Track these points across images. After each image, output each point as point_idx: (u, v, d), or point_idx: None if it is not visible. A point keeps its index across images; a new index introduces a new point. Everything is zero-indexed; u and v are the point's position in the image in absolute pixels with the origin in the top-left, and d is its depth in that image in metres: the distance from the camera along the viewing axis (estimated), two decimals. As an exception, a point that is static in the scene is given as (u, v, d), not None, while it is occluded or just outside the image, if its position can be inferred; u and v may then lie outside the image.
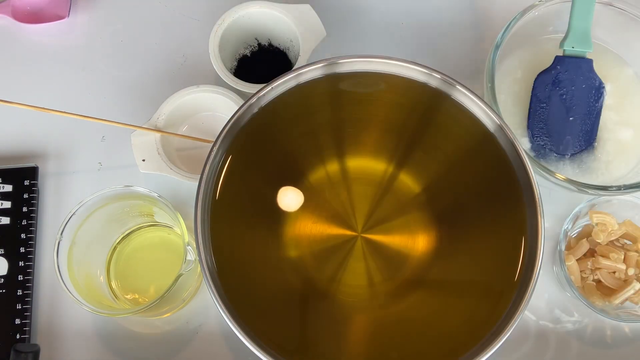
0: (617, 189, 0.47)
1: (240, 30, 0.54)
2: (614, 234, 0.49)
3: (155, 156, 0.50)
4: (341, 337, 0.41)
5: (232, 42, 0.55)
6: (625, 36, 0.54)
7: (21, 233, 0.51)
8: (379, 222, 0.43)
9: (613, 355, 0.50)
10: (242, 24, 0.54)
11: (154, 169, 0.50)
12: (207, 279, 0.39)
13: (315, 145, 0.44)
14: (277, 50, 0.57)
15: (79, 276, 0.45)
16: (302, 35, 0.52)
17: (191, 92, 0.52)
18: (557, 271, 0.50)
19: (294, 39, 0.54)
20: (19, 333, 0.48)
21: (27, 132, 0.56)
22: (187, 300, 0.50)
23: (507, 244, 0.42)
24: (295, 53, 0.54)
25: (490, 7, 0.61)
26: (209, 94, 0.52)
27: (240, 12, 0.53)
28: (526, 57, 0.54)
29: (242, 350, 0.38)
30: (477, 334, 0.39)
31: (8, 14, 0.58)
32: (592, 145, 0.52)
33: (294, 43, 0.54)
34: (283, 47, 0.56)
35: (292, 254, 0.42)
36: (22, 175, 0.52)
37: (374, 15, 0.60)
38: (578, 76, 0.51)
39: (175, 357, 0.49)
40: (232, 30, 0.53)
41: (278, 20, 0.53)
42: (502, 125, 0.42)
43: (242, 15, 0.53)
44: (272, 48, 0.57)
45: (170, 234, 0.51)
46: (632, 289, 0.48)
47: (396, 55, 0.44)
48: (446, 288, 0.42)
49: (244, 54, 0.57)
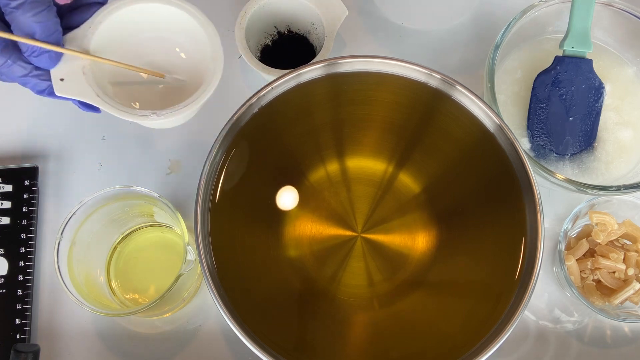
0: (616, 189, 0.47)
1: (261, 20, 0.54)
2: (614, 234, 0.49)
3: (78, 76, 0.40)
4: (341, 337, 0.41)
5: (254, 33, 0.55)
6: (625, 36, 0.54)
7: (21, 233, 0.51)
8: (378, 222, 0.43)
9: (613, 355, 0.50)
10: (262, 14, 0.54)
11: (75, 92, 0.40)
12: (207, 279, 0.39)
13: (315, 145, 0.44)
14: (298, 35, 0.57)
15: (79, 276, 0.45)
16: (325, 15, 0.52)
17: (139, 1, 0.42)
18: (557, 271, 0.50)
19: (315, 22, 0.54)
20: (19, 333, 0.48)
21: (27, 132, 0.55)
22: (187, 300, 0.50)
23: (507, 244, 0.42)
24: (317, 36, 0.54)
25: (490, 7, 0.61)
26: (161, 5, 0.42)
27: (261, 2, 0.53)
28: (526, 57, 0.54)
29: (242, 350, 0.38)
30: (477, 334, 0.39)
31: (8, 14, 0.58)
32: (592, 145, 0.52)
33: (315, 26, 0.54)
34: (303, 31, 0.56)
35: (292, 253, 0.42)
36: (22, 175, 0.52)
37: (374, 16, 0.60)
38: (578, 76, 0.51)
39: (175, 357, 0.49)
40: (253, 21, 0.54)
41: (297, 4, 0.53)
42: (502, 125, 0.42)
43: (262, 5, 0.53)
44: (291, 34, 0.57)
45: (170, 234, 0.51)
46: (632, 289, 0.48)
47: (396, 55, 0.44)
48: (446, 288, 0.42)
49: (266, 43, 0.57)
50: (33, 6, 0.37)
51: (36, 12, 0.37)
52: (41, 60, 0.39)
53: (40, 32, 0.37)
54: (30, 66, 0.39)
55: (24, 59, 0.39)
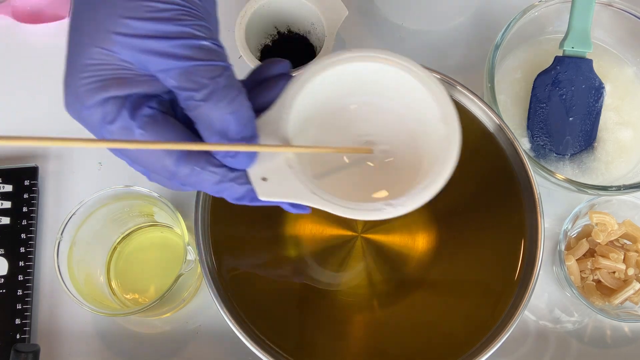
0: (616, 189, 0.47)
1: (261, 20, 0.54)
2: (614, 234, 0.49)
3: (284, 171, 0.31)
4: (341, 337, 0.41)
5: (254, 33, 0.55)
6: (625, 36, 0.54)
7: (21, 233, 0.51)
8: (379, 222, 0.43)
9: (613, 355, 0.50)
10: (262, 14, 0.54)
11: (285, 193, 0.31)
12: (207, 279, 0.39)
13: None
14: (298, 35, 0.57)
15: (79, 276, 0.45)
16: (324, 15, 0.52)
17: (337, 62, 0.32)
18: (557, 271, 0.50)
19: (315, 22, 0.54)
20: (19, 333, 0.48)
21: (27, 132, 0.56)
22: (187, 300, 0.50)
23: (507, 244, 0.42)
24: (317, 36, 0.54)
25: (490, 7, 0.61)
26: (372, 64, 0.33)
27: (261, 2, 0.53)
28: (526, 57, 0.54)
29: (242, 350, 0.38)
30: (477, 334, 0.39)
31: (8, 14, 0.58)
32: (592, 146, 0.52)
33: (315, 26, 0.54)
34: (303, 31, 0.56)
35: (292, 253, 0.42)
36: (22, 175, 0.52)
37: (374, 16, 0.60)
38: (578, 76, 0.51)
39: (175, 357, 0.49)
40: (253, 21, 0.54)
41: (298, 4, 0.53)
42: (502, 126, 0.42)
43: (262, 5, 0.53)
44: (292, 34, 0.57)
45: (170, 234, 0.51)
46: (632, 289, 0.48)
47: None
48: (446, 288, 0.42)
49: (266, 43, 0.57)
50: (226, 93, 0.28)
51: (230, 99, 0.28)
52: (239, 160, 0.29)
53: (235, 125, 0.28)
54: (223, 170, 0.30)
55: (214, 163, 0.30)
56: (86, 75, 0.28)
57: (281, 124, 0.31)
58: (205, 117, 0.28)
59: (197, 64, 0.28)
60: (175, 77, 0.28)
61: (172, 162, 0.29)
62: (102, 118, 0.29)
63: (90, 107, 0.28)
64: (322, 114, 0.34)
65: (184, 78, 0.28)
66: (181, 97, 0.28)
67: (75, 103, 0.29)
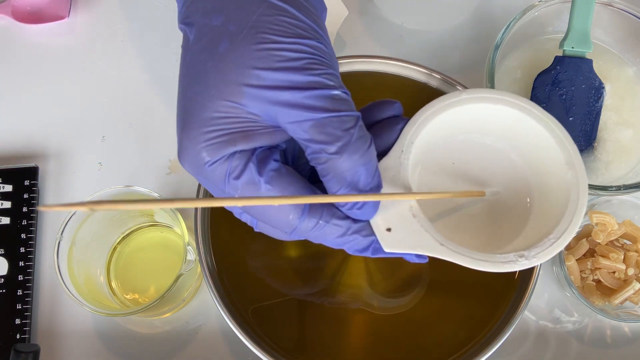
0: (617, 189, 0.47)
1: None
2: (614, 234, 0.49)
3: (408, 221, 0.30)
4: (341, 337, 0.41)
5: None
6: (625, 36, 0.54)
7: (21, 233, 0.51)
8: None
9: (613, 355, 0.50)
10: None
11: (411, 244, 0.29)
12: (207, 279, 0.39)
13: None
14: None
15: (79, 276, 0.45)
16: None
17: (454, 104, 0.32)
18: (557, 271, 0.50)
19: None
20: (19, 333, 0.48)
21: (27, 132, 0.56)
22: (187, 300, 0.50)
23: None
24: None
25: (490, 7, 0.61)
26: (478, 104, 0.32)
27: None
28: (526, 57, 0.54)
29: (242, 350, 0.38)
30: (477, 334, 0.39)
31: (8, 14, 0.58)
32: (592, 146, 0.52)
33: None
34: None
35: (292, 253, 0.42)
36: (22, 175, 0.52)
37: (374, 16, 0.60)
38: (578, 76, 0.51)
39: (175, 357, 0.49)
40: None
41: None
42: (502, 126, 0.42)
43: None
44: None
45: (170, 234, 0.51)
46: (632, 289, 0.48)
47: (396, 55, 0.44)
48: (446, 288, 0.42)
49: None
50: (359, 145, 0.27)
51: (363, 152, 0.27)
52: (365, 211, 0.28)
53: (365, 177, 0.27)
54: (347, 222, 0.29)
55: (338, 215, 0.29)
56: (211, 129, 0.26)
57: (402, 171, 0.30)
58: (337, 170, 0.27)
59: (330, 115, 0.26)
60: (308, 129, 0.26)
61: (297, 216, 0.28)
62: (227, 173, 0.27)
63: (215, 162, 0.27)
64: (431, 155, 0.33)
65: (317, 130, 0.26)
66: (311, 150, 0.27)
67: (196, 158, 0.27)
